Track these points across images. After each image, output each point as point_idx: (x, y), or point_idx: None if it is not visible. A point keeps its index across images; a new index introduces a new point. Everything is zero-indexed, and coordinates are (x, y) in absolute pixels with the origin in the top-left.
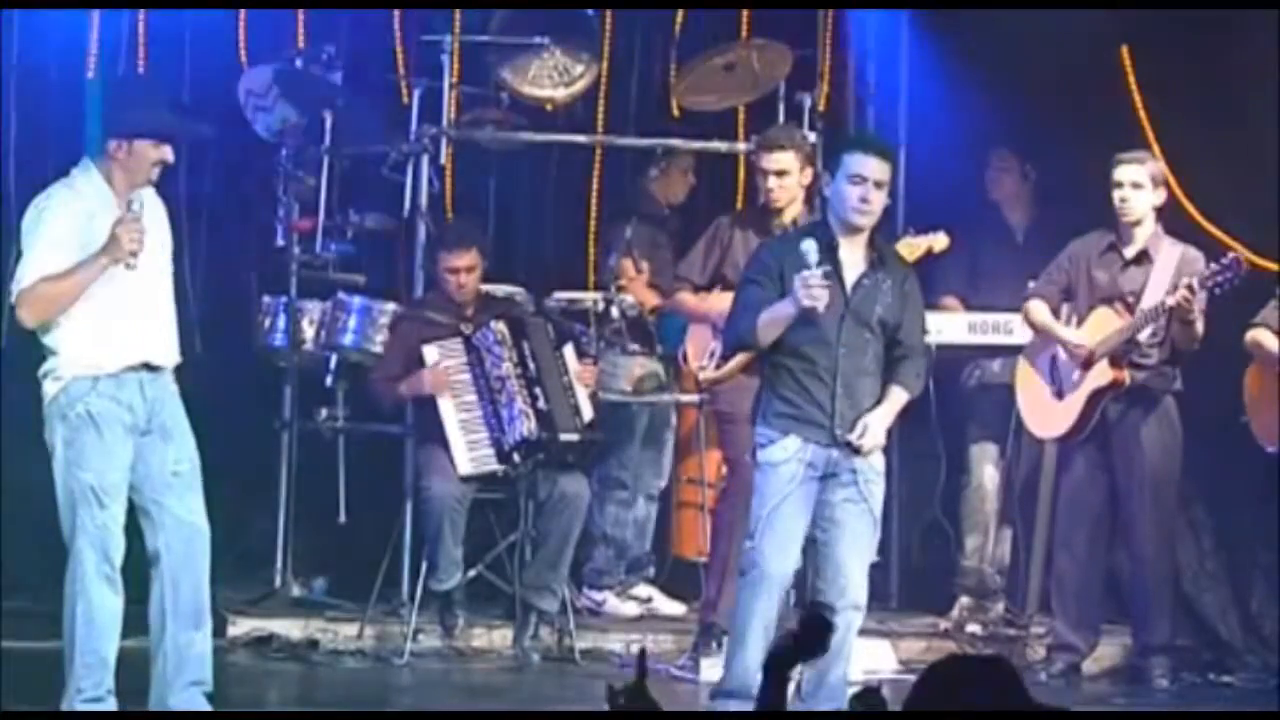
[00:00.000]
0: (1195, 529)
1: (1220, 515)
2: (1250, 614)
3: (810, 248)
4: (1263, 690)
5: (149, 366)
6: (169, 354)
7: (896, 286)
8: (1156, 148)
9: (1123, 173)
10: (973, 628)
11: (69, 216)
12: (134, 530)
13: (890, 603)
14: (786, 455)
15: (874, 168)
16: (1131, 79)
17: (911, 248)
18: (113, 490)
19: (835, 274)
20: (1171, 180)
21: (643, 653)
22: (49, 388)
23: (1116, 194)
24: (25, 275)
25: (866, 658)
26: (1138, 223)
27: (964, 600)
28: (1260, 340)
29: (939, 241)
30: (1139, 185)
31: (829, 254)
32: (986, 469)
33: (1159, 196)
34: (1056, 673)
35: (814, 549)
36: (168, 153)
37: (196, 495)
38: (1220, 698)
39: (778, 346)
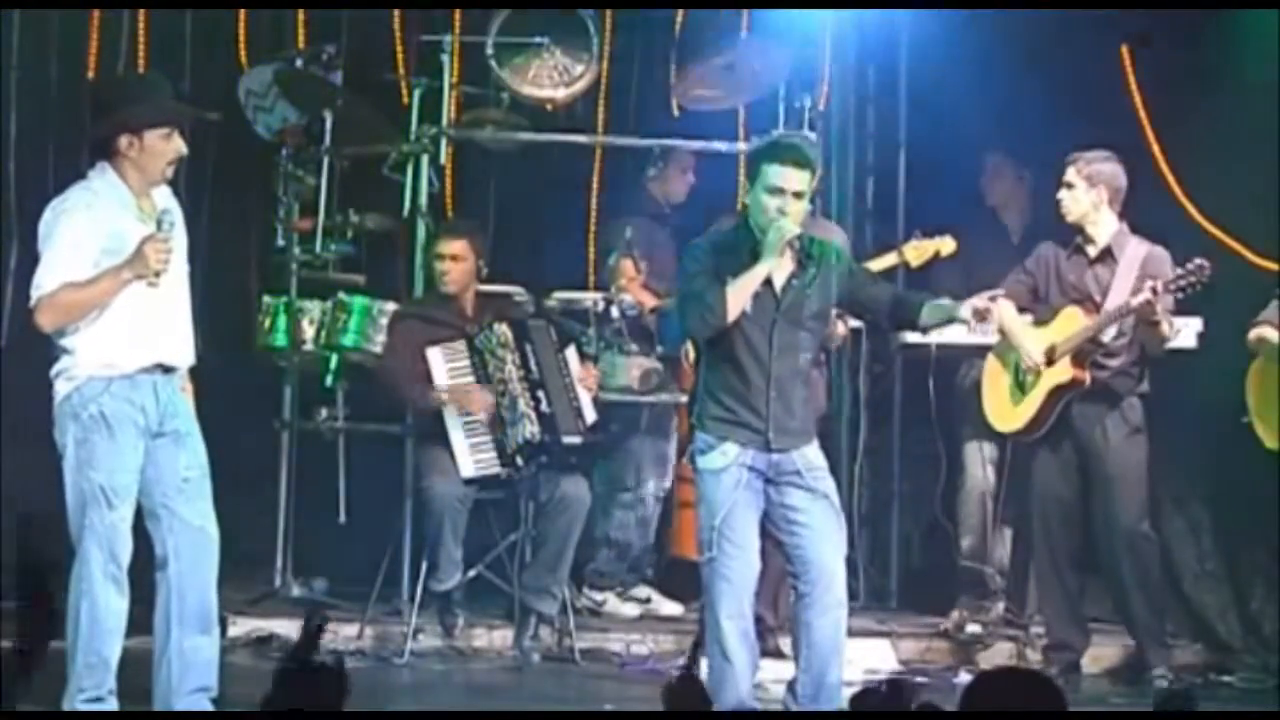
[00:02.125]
0: (1195, 529)
1: (1220, 515)
2: (1250, 614)
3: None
4: (1262, 690)
5: (164, 368)
6: (184, 355)
7: (827, 278)
8: (1156, 147)
9: (1064, 174)
10: (973, 628)
11: (88, 219)
12: (138, 531)
13: (890, 603)
14: (727, 461)
15: (792, 179)
16: (1131, 79)
17: (919, 250)
18: (122, 491)
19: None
20: (1172, 180)
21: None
22: (61, 387)
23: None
24: (46, 280)
25: (866, 658)
26: (1080, 221)
27: (964, 600)
28: (1264, 338)
29: (946, 245)
30: (1070, 185)
31: (752, 260)
32: (980, 469)
33: (1098, 194)
34: (1056, 673)
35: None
36: (180, 145)
37: (206, 500)
38: (1220, 698)
39: (712, 350)
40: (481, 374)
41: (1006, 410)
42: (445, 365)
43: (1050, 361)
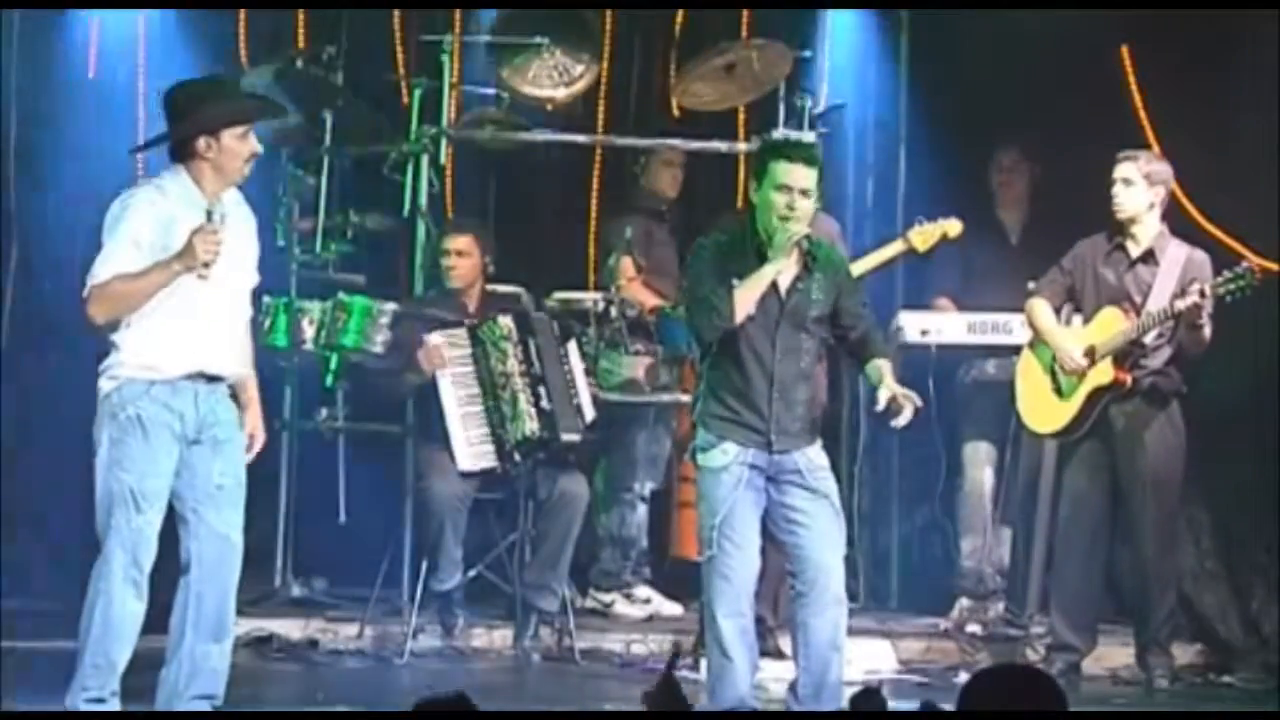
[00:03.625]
0: (1195, 529)
1: (1220, 515)
2: (1250, 614)
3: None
4: (1263, 690)
5: (208, 376)
6: (230, 366)
7: (829, 282)
8: (1157, 148)
9: (1116, 170)
10: (973, 628)
11: (151, 216)
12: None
13: (890, 603)
14: (727, 460)
15: (800, 176)
16: (1131, 79)
17: (924, 235)
18: (151, 496)
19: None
20: (1172, 180)
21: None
22: (104, 385)
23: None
24: (100, 271)
25: (866, 658)
26: (1131, 220)
27: (964, 600)
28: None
29: (952, 227)
30: (1129, 181)
31: (758, 261)
32: (980, 469)
33: (1155, 194)
34: (1056, 673)
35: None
36: (255, 143)
37: (236, 510)
38: (1220, 698)
39: (716, 351)
40: (482, 365)
41: (1045, 411)
42: (443, 349)
43: (1091, 363)
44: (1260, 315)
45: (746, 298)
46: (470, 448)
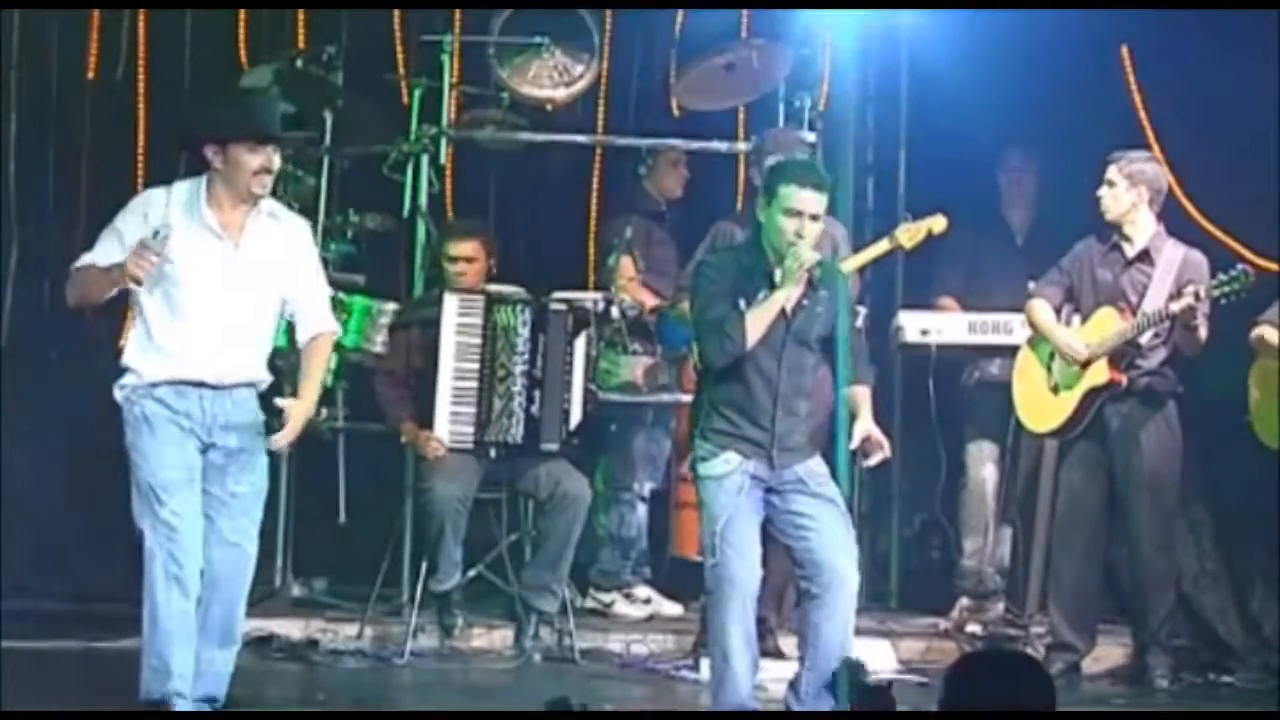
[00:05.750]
0: (1195, 529)
1: (1220, 515)
2: (1250, 614)
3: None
4: (1263, 690)
5: (207, 385)
6: (234, 374)
7: (831, 299)
8: (1156, 148)
9: (1105, 172)
10: (973, 628)
11: (142, 216)
12: None
13: (890, 603)
14: (729, 468)
15: (809, 201)
16: (1131, 79)
17: (911, 233)
18: (170, 487)
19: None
20: (1171, 180)
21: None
22: (116, 393)
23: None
24: (84, 257)
25: (866, 658)
26: (1117, 221)
27: (964, 600)
28: (1265, 337)
29: (937, 223)
30: (1111, 183)
31: (765, 280)
32: (983, 469)
33: (1138, 194)
34: (1056, 673)
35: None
36: (268, 158)
37: (249, 519)
38: (1220, 698)
39: (720, 368)
40: (489, 347)
41: (1041, 410)
42: (457, 318)
43: (1087, 362)
44: (1261, 315)
45: (758, 324)
46: (451, 425)
